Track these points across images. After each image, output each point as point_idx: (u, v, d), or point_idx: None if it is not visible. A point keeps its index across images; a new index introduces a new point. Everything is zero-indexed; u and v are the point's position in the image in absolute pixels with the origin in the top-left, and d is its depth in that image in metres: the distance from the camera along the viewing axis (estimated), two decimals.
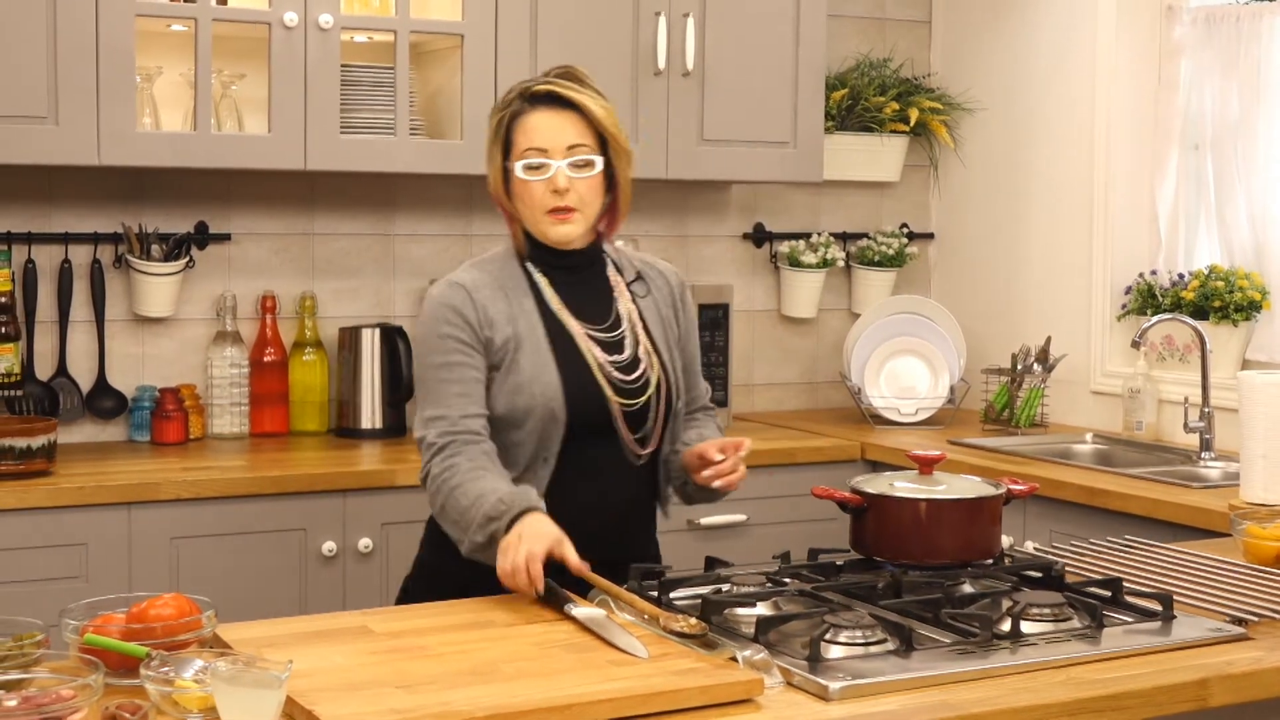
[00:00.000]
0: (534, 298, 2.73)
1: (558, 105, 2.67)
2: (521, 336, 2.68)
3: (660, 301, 2.84)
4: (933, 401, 4.63)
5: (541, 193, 2.66)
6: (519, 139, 2.67)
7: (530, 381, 2.65)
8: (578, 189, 2.66)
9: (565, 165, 2.65)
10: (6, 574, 3.39)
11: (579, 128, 2.67)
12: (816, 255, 4.82)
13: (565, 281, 2.75)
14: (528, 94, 2.69)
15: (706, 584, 2.52)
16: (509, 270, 2.75)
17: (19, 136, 3.59)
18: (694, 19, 4.25)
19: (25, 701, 1.77)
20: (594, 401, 2.69)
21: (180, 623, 2.07)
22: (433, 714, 1.87)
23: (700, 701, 1.98)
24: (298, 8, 3.81)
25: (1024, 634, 2.28)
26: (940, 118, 4.95)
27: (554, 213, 2.67)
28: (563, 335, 2.70)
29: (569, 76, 2.72)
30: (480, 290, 2.70)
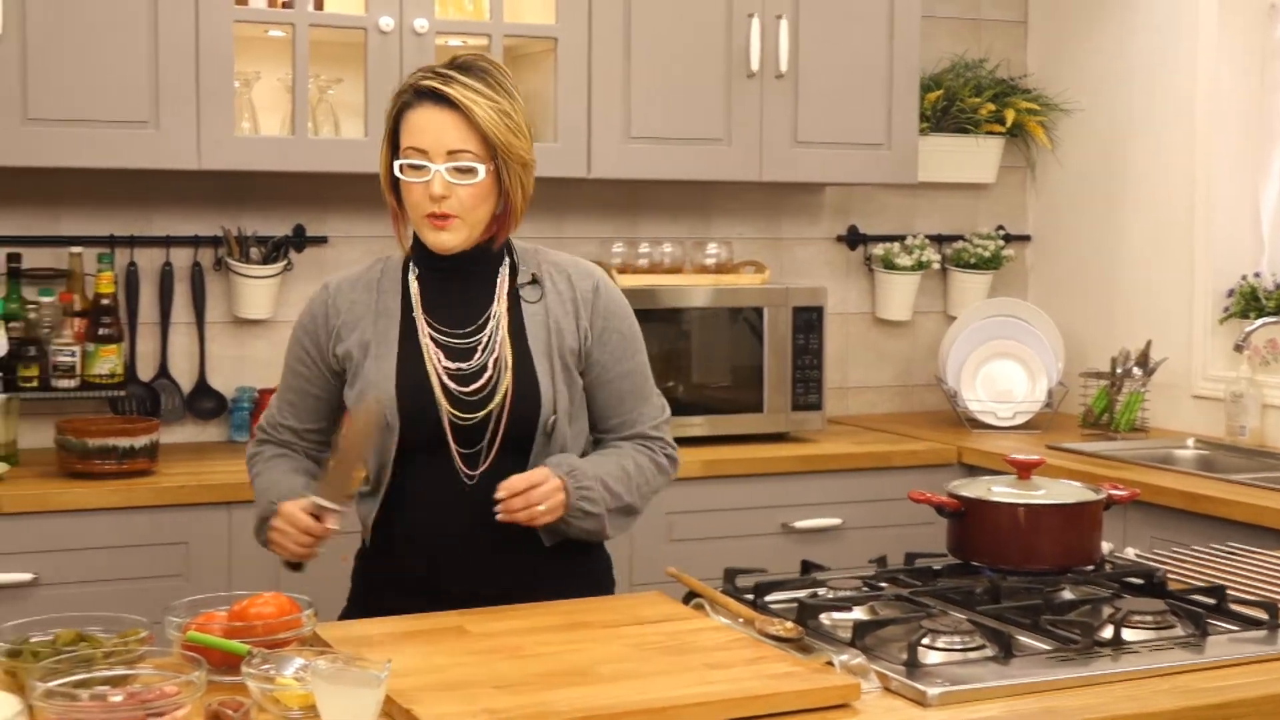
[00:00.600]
0: (402, 300, 2.58)
1: (442, 104, 2.45)
2: (371, 342, 2.55)
3: (556, 307, 2.57)
4: (1030, 405, 4.58)
5: (419, 195, 2.46)
6: (403, 134, 2.48)
7: (369, 387, 2.52)
8: (458, 195, 2.45)
9: (444, 170, 2.44)
10: (109, 572, 3.44)
11: (462, 131, 2.44)
12: (911, 258, 4.78)
13: (440, 285, 2.57)
14: (415, 87, 2.48)
15: (802, 588, 2.51)
16: (394, 267, 2.61)
17: (121, 141, 3.64)
18: (787, 20, 4.23)
19: (130, 697, 1.79)
20: (425, 413, 2.51)
21: (280, 621, 2.09)
22: (529, 714, 1.88)
23: (796, 706, 1.97)
24: (393, 12, 3.83)
25: (1126, 641, 2.25)
26: (1037, 118, 4.90)
27: (431, 218, 2.47)
28: (412, 341, 2.54)
29: (468, 69, 2.48)
30: (345, 291, 2.60)
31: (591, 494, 2.52)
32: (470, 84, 2.45)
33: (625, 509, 2.60)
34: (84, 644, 2.03)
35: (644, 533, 3.90)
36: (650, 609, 2.40)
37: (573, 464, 2.52)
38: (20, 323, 3.81)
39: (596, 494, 2.53)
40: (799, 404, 4.28)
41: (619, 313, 2.62)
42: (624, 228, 4.55)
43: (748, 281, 4.32)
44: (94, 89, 3.60)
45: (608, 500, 2.55)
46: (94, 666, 1.90)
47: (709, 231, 4.64)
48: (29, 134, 3.56)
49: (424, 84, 2.46)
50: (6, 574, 3.38)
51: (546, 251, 2.65)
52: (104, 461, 3.54)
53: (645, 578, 3.87)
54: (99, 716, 1.75)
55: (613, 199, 4.54)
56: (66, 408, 3.93)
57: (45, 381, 3.78)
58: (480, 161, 2.45)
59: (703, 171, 4.23)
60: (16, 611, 3.23)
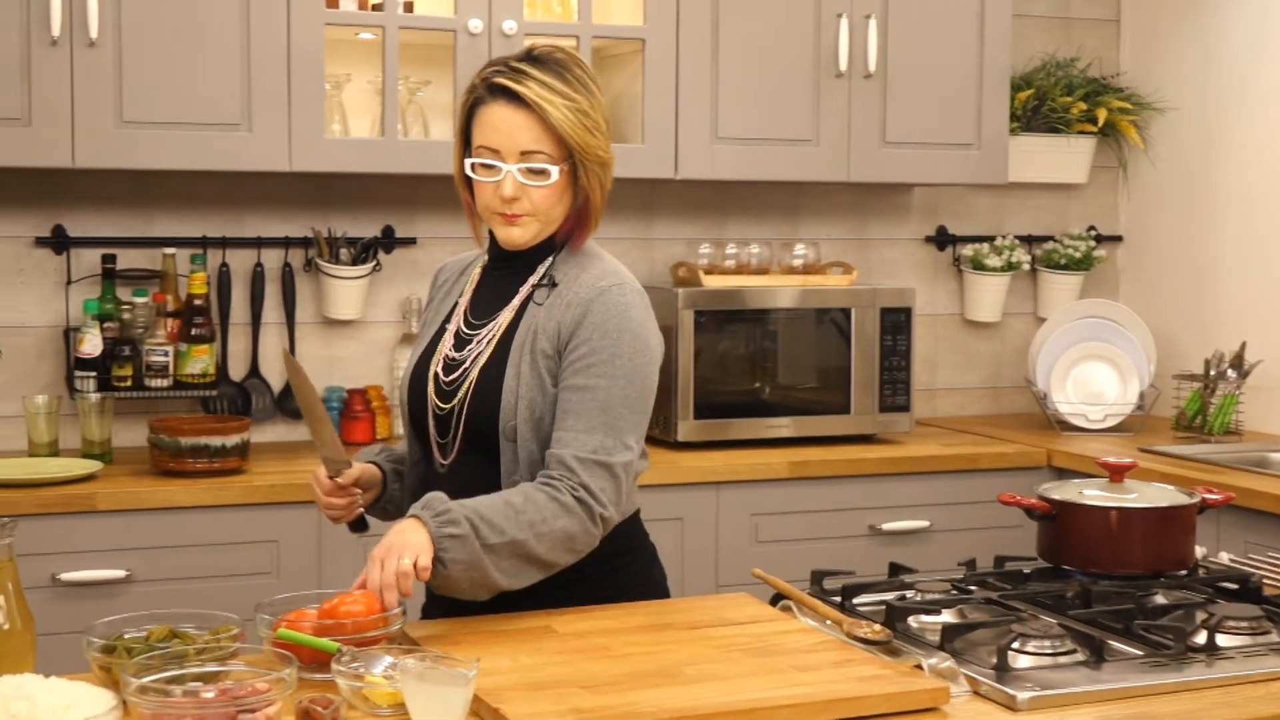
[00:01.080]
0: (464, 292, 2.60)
1: (515, 102, 2.36)
2: (427, 323, 2.62)
3: (558, 310, 2.42)
4: (1121, 408, 4.53)
5: (491, 194, 2.40)
6: (476, 132, 2.41)
7: (407, 372, 2.59)
8: (530, 196, 2.39)
9: (516, 170, 2.37)
10: (200, 569, 3.48)
11: (535, 132, 2.36)
12: (1001, 258, 4.75)
13: (488, 279, 2.56)
14: (488, 83, 2.40)
15: (890, 590, 2.49)
16: (479, 258, 2.62)
17: (214, 144, 3.68)
18: (876, 20, 4.21)
19: (222, 694, 1.81)
20: (419, 397, 2.53)
21: (370, 619, 2.10)
22: (616, 715, 1.88)
23: (885, 709, 1.96)
24: (482, 14, 3.85)
25: (1220, 647, 2.22)
26: (1129, 118, 4.84)
27: (502, 215, 2.42)
28: (444, 330, 2.57)
29: (543, 62, 2.40)
30: (445, 272, 2.66)
31: (453, 517, 2.24)
32: (545, 80, 2.36)
33: (514, 546, 2.26)
34: (176, 640, 2.06)
35: (729, 535, 3.90)
36: (736, 610, 2.40)
37: (428, 499, 2.29)
38: (115, 323, 3.86)
39: (461, 521, 2.23)
40: (886, 405, 4.26)
41: (602, 328, 2.39)
42: (711, 228, 4.54)
43: (835, 283, 4.30)
44: (187, 92, 3.65)
45: (484, 532, 2.24)
46: (186, 663, 1.92)
47: (796, 232, 4.63)
48: (124, 137, 3.61)
49: (497, 80, 2.38)
50: (100, 570, 3.43)
51: (593, 263, 2.48)
52: (196, 460, 3.59)
53: (730, 579, 3.87)
54: (192, 712, 1.77)
55: (700, 200, 4.54)
56: (159, 407, 3.99)
57: (139, 381, 3.83)
58: (554, 163, 2.38)
59: (790, 172, 4.22)
60: (109, 608, 3.29)
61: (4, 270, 3.92)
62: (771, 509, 3.95)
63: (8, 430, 3.93)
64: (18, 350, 3.93)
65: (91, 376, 3.79)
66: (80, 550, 3.43)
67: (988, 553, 2.85)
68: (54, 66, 3.54)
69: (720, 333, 4.13)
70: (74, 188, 3.96)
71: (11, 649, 1.96)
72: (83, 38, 3.55)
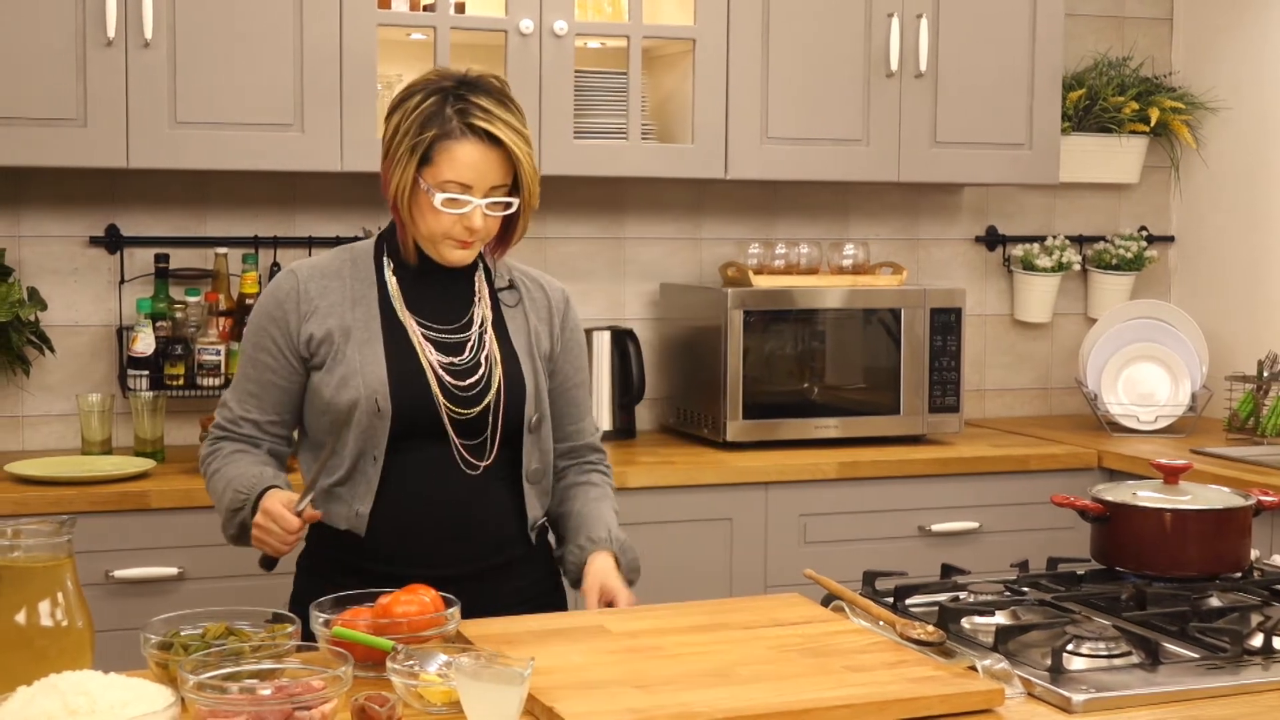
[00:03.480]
0: (380, 293, 2.60)
1: (489, 142, 2.50)
2: (351, 328, 2.57)
3: (532, 313, 2.68)
4: (1173, 409, 4.50)
5: (452, 223, 2.51)
6: (442, 164, 2.50)
7: (354, 374, 2.54)
8: (488, 224, 2.54)
9: (484, 205, 2.51)
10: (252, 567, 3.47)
11: (503, 168, 2.52)
12: (1051, 259, 4.72)
13: (418, 283, 2.61)
14: (462, 122, 2.50)
15: (943, 591, 2.49)
16: (363, 260, 2.64)
17: (267, 144, 3.71)
18: (927, 19, 4.20)
19: (279, 691, 1.82)
20: (420, 402, 2.55)
21: (425, 619, 2.11)
22: (670, 714, 1.88)
23: (939, 710, 1.96)
24: (533, 15, 3.86)
25: (1277, 650, 2.20)
26: (1182, 117, 4.81)
27: (456, 239, 2.54)
28: (397, 332, 2.58)
29: (501, 99, 2.54)
30: (315, 279, 2.60)
31: (626, 545, 2.66)
32: (508, 120, 2.51)
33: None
34: (232, 638, 2.07)
35: (778, 535, 3.90)
36: (789, 611, 2.40)
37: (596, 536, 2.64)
38: (167, 322, 3.89)
39: (628, 544, 2.66)
40: (936, 406, 4.24)
41: (579, 326, 2.77)
42: (760, 228, 4.54)
43: (885, 283, 4.29)
44: (240, 92, 3.67)
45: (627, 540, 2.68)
46: (242, 660, 1.94)
47: (846, 232, 4.62)
48: (177, 137, 3.64)
49: (474, 123, 2.49)
50: (153, 568, 3.46)
51: (515, 264, 2.73)
52: None
53: (779, 580, 3.87)
54: (248, 709, 1.78)
55: (749, 199, 4.53)
56: (210, 406, 4.00)
57: (191, 380, 3.86)
58: (512, 195, 2.55)
59: (840, 172, 4.21)
60: (162, 605, 3.31)
61: (58, 269, 3.96)
62: (820, 509, 3.95)
63: (62, 428, 3.96)
64: (71, 349, 3.97)
65: (144, 375, 3.82)
66: (133, 548, 3.46)
67: (1037, 554, 2.84)
68: (109, 67, 3.57)
69: (769, 333, 4.13)
70: (127, 188, 3.99)
71: (70, 645, 1.97)
72: (137, 39, 3.58)
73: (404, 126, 2.52)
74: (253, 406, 2.63)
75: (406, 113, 2.53)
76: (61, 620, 1.98)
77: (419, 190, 2.51)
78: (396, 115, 2.54)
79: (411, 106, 2.52)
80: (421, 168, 2.51)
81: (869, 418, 4.21)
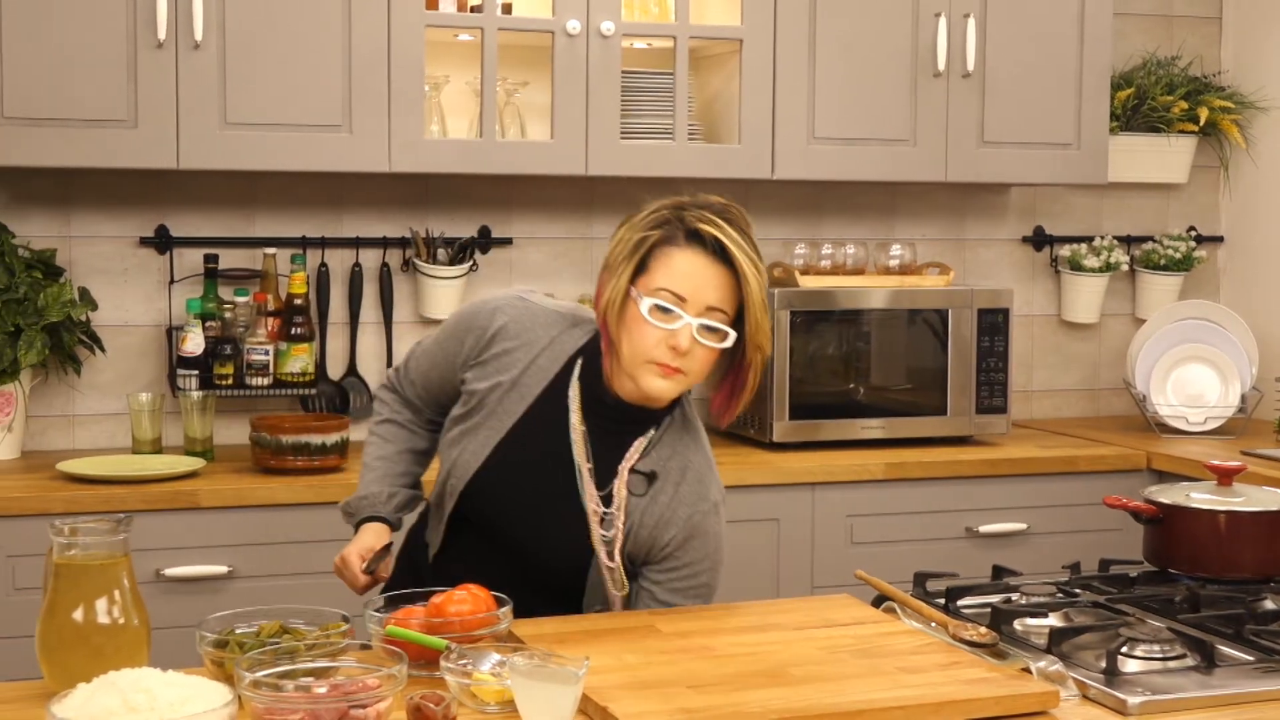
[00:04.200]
0: (547, 393, 2.42)
1: (717, 255, 2.28)
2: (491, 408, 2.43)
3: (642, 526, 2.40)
4: (1223, 410, 4.47)
5: (657, 341, 2.28)
6: (657, 271, 2.29)
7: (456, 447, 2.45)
8: (697, 354, 2.29)
9: (696, 324, 2.28)
10: (301, 565, 3.52)
11: (726, 291, 2.28)
12: (1099, 259, 4.70)
13: (598, 426, 2.41)
14: (688, 226, 2.30)
15: (994, 593, 2.48)
16: (560, 348, 2.44)
17: (315, 145, 3.72)
18: (975, 19, 4.18)
19: (334, 689, 1.83)
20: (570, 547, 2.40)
21: (477, 618, 2.12)
22: (724, 715, 1.88)
23: (994, 712, 1.95)
24: (580, 15, 3.86)
25: None
26: (1231, 117, 4.78)
27: (661, 364, 2.29)
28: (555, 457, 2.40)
29: (739, 226, 2.32)
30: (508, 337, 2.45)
31: None
32: (742, 244, 2.28)
33: None
34: (287, 636, 2.08)
35: (824, 536, 3.89)
36: (840, 612, 2.39)
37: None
38: (216, 322, 3.91)
39: None
40: (983, 407, 4.23)
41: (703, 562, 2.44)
42: (807, 229, 4.53)
43: (932, 283, 4.27)
44: (289, 94, 3.69)
45: None
46: (298, 658, 1.95)
47: (892, 232, 4.61)
48: (227, 138, 3.65)
49: (703, 228, 2.29)
50: (204, 566, 3.48)
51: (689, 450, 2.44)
52: (297, 458, 3.62)
53: (826, 580, 3.86)
54: (305, 707, 1.79)
55: (796, 200, 4.52)
56: (259, 405, 4.03)
57: (239, 379, 3.87)
58: (731, 325, 2.31)
59: (887, 172, 4.20)
60: (212, 603, 3.34)
61: (109, 270, 3.98)
62: (867, 510, 3.94)
63: (112, 427, 3.99)
64: (122, 349, 3.99)
65: (193, 375, 3.84)
66: (183, 546, 3.48)
67: (1085, 556, 2.83)
68: (159, 69, 3.59)
69: (815, 333, 4.12)
70: (177, 188, 4.01)
71: (127, 643, 1.99)
72: (187, 40, 3.60)
73: (628, 235, 2.35)
74: (419, 379, 2.61)
75: (634, 223, 2.36)
76: (118, 618, 2.00)
77: (629, 300, 2.30)
78: (623, 227, 2.38)
79: (640, 218, 2.36)
80: (637, 276, 2.31)
81: (915, 418, 4.20)
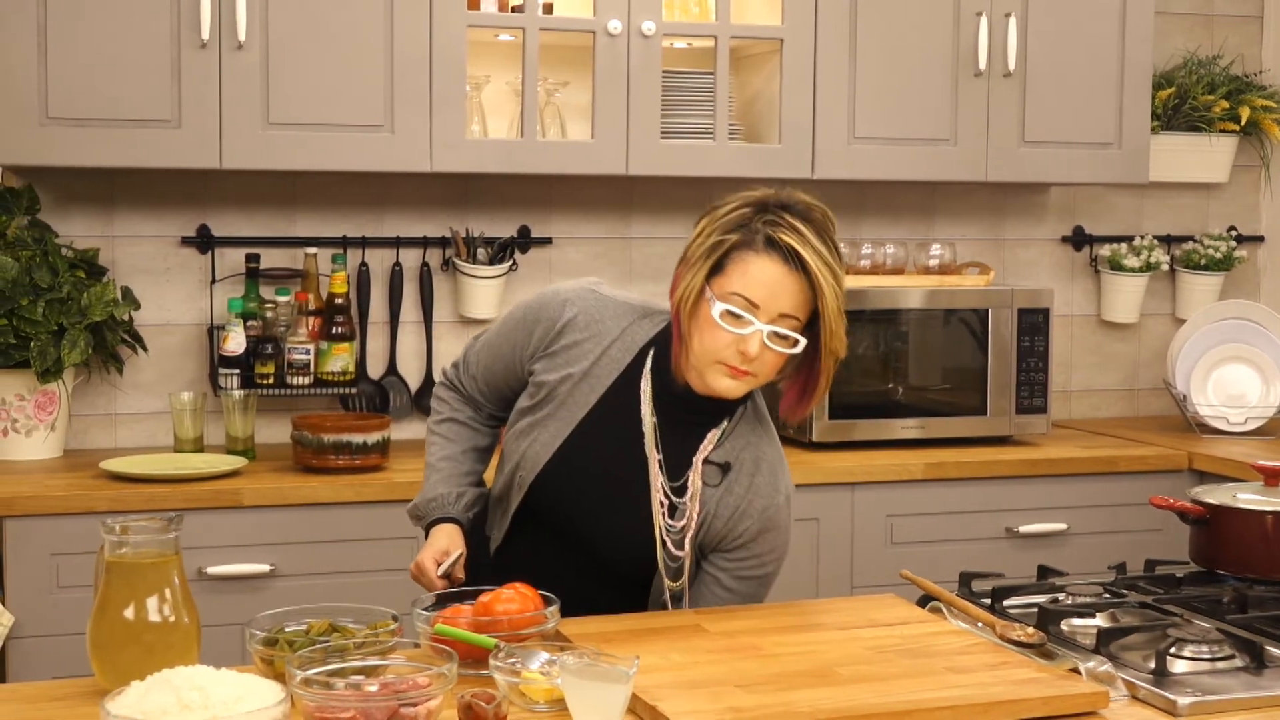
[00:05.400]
0: (619, 383, 2.45)
1: (793, 264, 2.29)
2: (562, 398, 2.46)
3: (724, 505, 2.45)
4: (1264, 411, 4.44)
5: (727, 344, 2.30)
6: (732, 274, 2.30)
7: (525, 439, 2.47)
8: (766, 358, 2.32)
9: (767, 331, 2.30)
10: (343, 564, 3.53)
11: (800, 299, 2.30)
12: (1139, 259, 4.68)
13: (670, 415, 2.44)
14: (768, 232, 2.31)
15: (1040, 593, 2.47)
16: (631, 339, 2.47)
17: (357, 145, 3.73)
18: (1016, 18, 4.17)
19: (385, 687, 1.83)
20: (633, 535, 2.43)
21: (525, 617, 2.12)
22: (773, 714, 1.88)
23: (1043, 712, 1.95)
24: (621, 15, 3.87)
25: None
26: (1273, 116, 4.75)
27: (729, 366, 2.33)
28: (628, 446, 2.43)
29: (819, 229, 2.35)
30: (579, 329, 2.47)
31: None
32: (820, 251, 2.30)
33: None
34: (336, 635, 2.09)
35: (864, 535, 3.88)
36: (885, 611, 2.39)
37: None
38: (258, 321, 3.93)
39: None
40: (1023, 407, 4.21)
41: (772, 553, 2.52)
42: (846, 228, 4.52)
43: (972, 283, 4.26)
44: (332, 94, 3.70)
45: None
46: (347, 656, 1.95)
47: (931, 232, 4.60)
48: (270, 138, 3.67)
49: (780, 236, 2.30)
50: (246, 565, 3.49)
51: (760, 438, 2.49)
52: (338, 457, 3.63)
53: (866, 580, 3.86)
54: (356, 705, 1.79)
55: (835, 199, 4.48)
56: (300, 404, 4.05)
57: (280, 379, 3.89)
58: (802, 332, 2.33)
59: (928, 172, 4.19)
60: (254, 601, 3.36)
61: (151, 269, 4.00)
62: (906, 510, 3.93)
63: (154, 426, 4.01)
64: (164, 348, 4.01)
65: (235, 374, 3.86)
66: (226, 545, 3.49)
67: (1127, 556, 2.81)
68: (203, 69, 3.61)
69: (855, 333, 4.10)
70: (218, 188, 4.03)
71: (178, 641, 2.00)
72: (231, 41, 3.62)
73: (708, 229, 2.35)
74: (481, 375, 2.62)
75: (715, 218, 2.36)
76: (169, 616, 2.01)
77: (703, 300, 2.31)
78: (705, 220, 2.38)
79: (722, 213, 2.36)
80: (712, 276, 2.32)
81: (955, 418, 4.19)
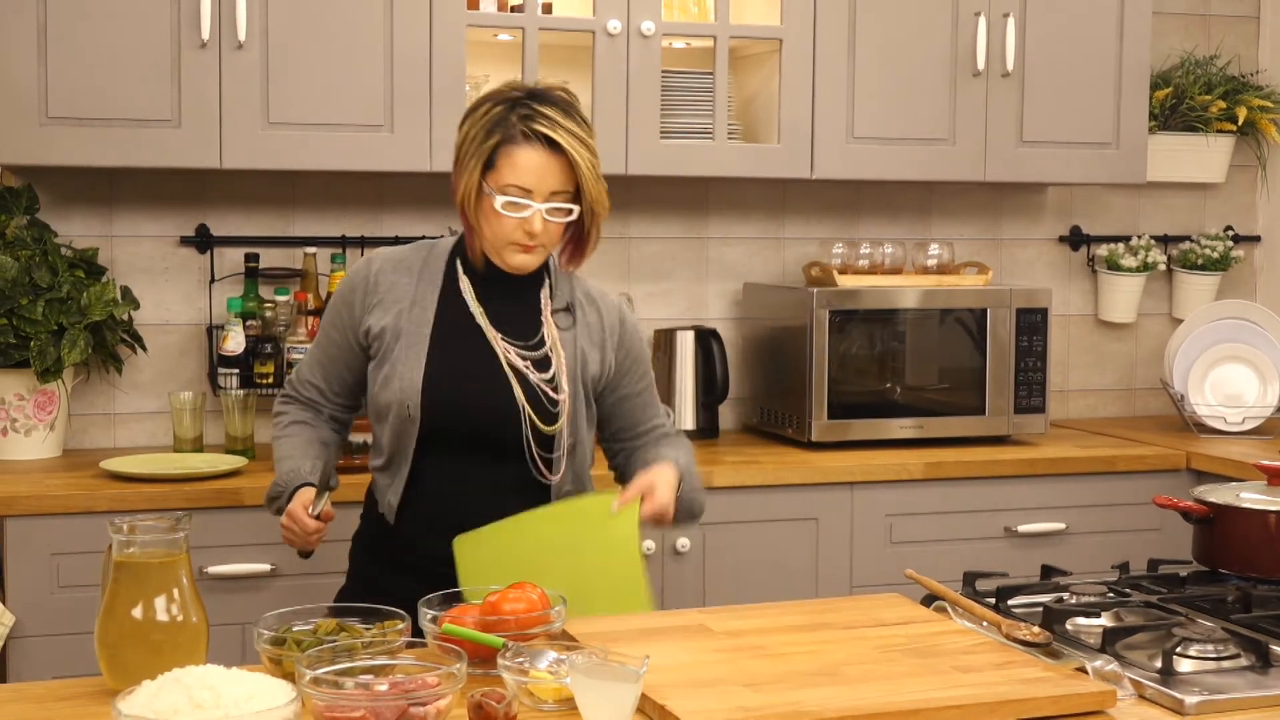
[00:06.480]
0: (443, 296, 2.71)
1: (550, 148, 2.59)
2: (403, 330, 2.68)
3: (584, 337, 2.75)
4: (1261, 410, 4.45)
5: (513, 227, 2.61)
6: (503, 169, 2.60)
7: (394, 375, 2.67)
8: (549, 230, 2.63)
9: (544, 209, 2.60)
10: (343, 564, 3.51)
11: (564, 175, 2.60)
12: (1136, 258, 4.69)
13: (489, 289, 2.72)
14: (523, 127, 2.59)
15: (1044, 592, 2.48)
16: (436, 260, 2.75)
17: (357, 145, 3.73)
18: (1014, 19, 4.18)
19: (395, 686, 1.83)
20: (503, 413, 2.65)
21: (532, 616, 2.12)
22: (782, 713, 1.88)
23: (1050, 711, 1.95)
24: (620, 15, 3.87)
25: None
26: (1269, 116, 4.77)
27: (519, 245, 2.63)
28: (473, 340, 2.68)
29: (566, 109, 2.63)
30: (387, 273, 2.73)
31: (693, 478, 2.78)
32: (572, 130, 2.59)
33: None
34: (344, 634, 2.09)
35: (864, 535, 3.89)
36: (890, 611, 2.40)
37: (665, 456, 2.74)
38: (257, 321, 3.93)
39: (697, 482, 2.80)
40: (1021, 407, 4.22)
41: (638, 342, 2.83)
42: (844, 228, 4.53)
43: (970, 283, 4.27)
44: (331, 94, 3.70)
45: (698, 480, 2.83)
46: (356, 656, 1.95)
47: (929, 232, 4.60)
48: (270, 138, 3.67)
49: (535, 128, 2.58)
50: (246, 564, 3.49)
51: (579, 279, 2.80)
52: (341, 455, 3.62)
53: (865, 580, 3.86)
54: (365, 705, 1.79)
55: (833, 199, 4.53)
56: None
57: (280, 378, 3.88)
58: (574, 203, 2.63)
59: (926, 172, 4.19)
60: (255, 600, 3.35)
61: (150, 269, 4.00)
62: (905, 510, 3.93)
63: (153, 426, 4.01)
64: (163, 347, 4.01)
65: (234, 374, 3.86)
66: (226, 544, 3.49)
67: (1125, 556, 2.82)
68: (203, 69, 3.61)
69: (854, 333, 4.12)
70: (217, 188, 4.03)
71: (186, 640, 2.00)
72: (231, 41, 3.61)
73: (472, 133, 2.63)
74: (319, 375, 2.84)
75: (475, 120, 2.64)
76: (177, 615, 2.01)
77: (483, 195, 2.61)
78: (467, 123, 2.66)
79: (480, 114, 2.64)
80: (486, 172, 2.61)
81: (954, 418, 4.19)
